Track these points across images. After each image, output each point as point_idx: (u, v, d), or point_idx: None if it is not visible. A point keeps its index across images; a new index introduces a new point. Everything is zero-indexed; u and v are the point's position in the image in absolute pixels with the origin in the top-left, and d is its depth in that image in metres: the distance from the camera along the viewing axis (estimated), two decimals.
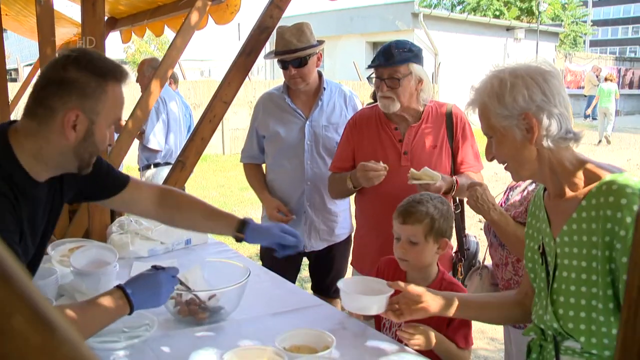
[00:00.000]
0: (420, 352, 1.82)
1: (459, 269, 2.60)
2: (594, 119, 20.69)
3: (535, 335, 1.64)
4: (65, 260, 2.29)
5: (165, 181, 3.19)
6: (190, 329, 1.92)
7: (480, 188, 2.15)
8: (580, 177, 1.48)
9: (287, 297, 2.23)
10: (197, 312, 1.94)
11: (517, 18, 29.10)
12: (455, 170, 2.59)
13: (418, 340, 1.82)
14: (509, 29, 22.91)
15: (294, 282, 2.95)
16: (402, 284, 1.78)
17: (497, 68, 1.54)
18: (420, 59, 2.54)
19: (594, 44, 54.07)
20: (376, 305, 1.78)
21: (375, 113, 2.65)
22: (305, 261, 3.29)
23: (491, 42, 21.91)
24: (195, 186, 9.82)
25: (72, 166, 1.59)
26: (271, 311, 2.10)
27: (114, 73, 1.55)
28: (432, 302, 1.75)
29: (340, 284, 1.87)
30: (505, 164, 1.58)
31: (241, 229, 1.97)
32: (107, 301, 1.58)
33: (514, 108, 1.46)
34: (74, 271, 2.18)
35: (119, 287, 1.63)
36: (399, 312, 1.78)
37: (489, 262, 2.47)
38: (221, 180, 10.64)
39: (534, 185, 2.15)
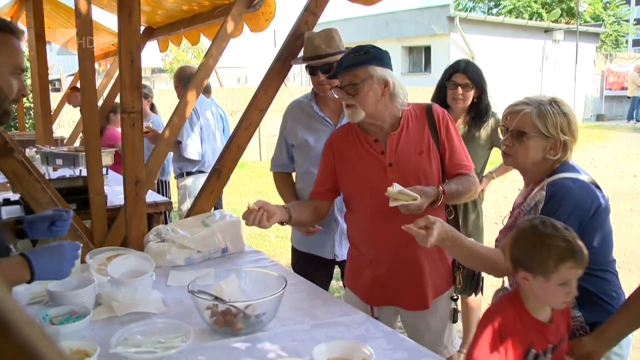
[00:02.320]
0: None
1: (457, 277, 2.49)
2: (638, 120, 20.11)
3: None
4: (103, 269, 2.30)
5: (202, 190, 3.19)
6: (227, 339, 1.90)
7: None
8: None
9: (324, 308, 2.19)
10: (233, 323, 1.91)
11: (556, 20, 28.55)
12: (445, 172, 2.42)
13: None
14: (547, 30, 22.51)
15: (326, 291, 2.91)
16: None
17: None
18: (384, 61, 2.31)
19: (637, 43, 52.64)
20: None
21: (351, 129, 2.48)
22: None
23: (529, 44, 21.56)
24: (233, 192, 9.88)
25: None
26: (308, 322, 2.06)
27: (1, 26, 1.75)
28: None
29: None
30: None
31: (20, 223, 2.07)
32: (7, 264, 1.66)
33: None
34: (111, 280, 2.18)
35: (22, 254, 1.69)
36: None
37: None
38: (258, 186, 10.68)
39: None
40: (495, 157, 3.31)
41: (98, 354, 1.67)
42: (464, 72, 3.44)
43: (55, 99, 9.88)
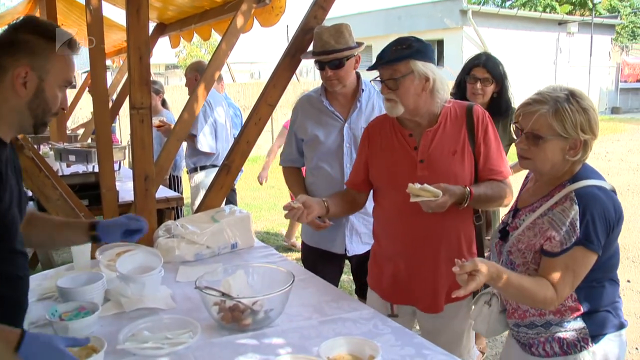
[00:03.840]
0: None
1: None
2: None
3: None
4: (112, 265, 2.31)
5: (211, 185, 3.19)
6: (234, 336, 1.90)
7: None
8: None
9: (333, 303, 2.18)
10: (240, 319, 1.91)
11: (570, 12, 28.25)
12: (478, 177, 2.33)
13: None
14: (561, 23, 22.29)
15: (336, 285, 2.90)
16: None
17: None
18: (427, 55, 2.25)
19: None
20: None
21: (389, 120, 2.42)
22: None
23: (543, 37, 21.37)
24: (246, 187, 9.89)
25: (28, 124, 1.69)
26: (316, 318, 2.05)
27: (61, 37, 1.68)
28: None
29: None
30: None
31: (94, 229, 2.01)
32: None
33: None
34: (120, 276, 2.19)
35: (20, 341, 1.40)
36: None
37: None
38: (271, 181, 10.61)
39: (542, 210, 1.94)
40: (514, 152, 3.25)
41: (106, 350, 1.68)
42: (484, 66, 3.38)
43: (69, 95, 9.94)
